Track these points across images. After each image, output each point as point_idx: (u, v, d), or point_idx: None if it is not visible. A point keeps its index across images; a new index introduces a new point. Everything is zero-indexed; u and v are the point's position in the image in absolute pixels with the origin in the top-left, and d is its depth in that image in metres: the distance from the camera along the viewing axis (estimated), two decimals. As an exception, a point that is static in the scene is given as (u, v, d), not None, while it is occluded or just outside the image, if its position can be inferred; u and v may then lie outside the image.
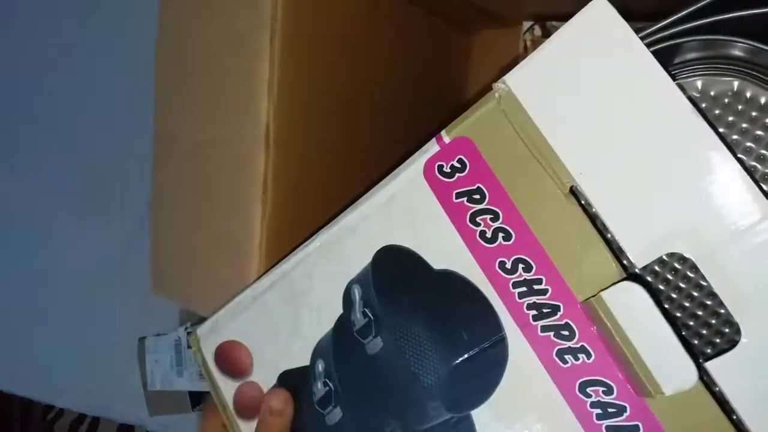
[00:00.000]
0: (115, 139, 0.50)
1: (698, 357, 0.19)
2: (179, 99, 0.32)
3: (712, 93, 0.23)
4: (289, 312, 0.28)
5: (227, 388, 0.29)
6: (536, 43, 0.43)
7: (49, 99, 0.52)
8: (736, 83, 0.23)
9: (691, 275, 0.22)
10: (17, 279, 0.53)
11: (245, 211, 0.29)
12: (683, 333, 0.22)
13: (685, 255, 0.20)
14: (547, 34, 0.46)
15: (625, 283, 0.20)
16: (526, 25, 0.46)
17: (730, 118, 0.23)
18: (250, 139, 0.29)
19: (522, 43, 0.46)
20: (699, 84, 0.23)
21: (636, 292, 0.20)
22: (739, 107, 0.23)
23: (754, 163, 0.23)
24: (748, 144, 0.23)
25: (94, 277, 0.41)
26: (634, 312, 0.20)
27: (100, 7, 0.51)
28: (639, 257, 0.21)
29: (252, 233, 0.29)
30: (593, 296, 0.21)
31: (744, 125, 0.23)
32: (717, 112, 0.23)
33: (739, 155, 0.23)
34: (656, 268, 0.23)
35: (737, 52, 0.23)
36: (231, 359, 0.29)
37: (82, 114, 0.52)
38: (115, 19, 0.51)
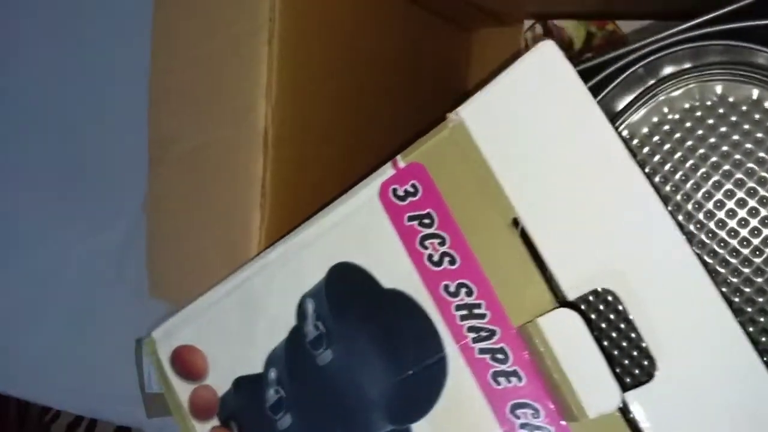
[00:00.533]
0: (110, 141, 0.50)
1: (620, 385, 0.20)
2: (175, 102, 0.31)
3: (731, 99, 0.24)
4: (246, 320, 0.29)
5: (182, 390, 0.30)
6: (537, 42, 0.44)
7: (44, 101, 0.52)
8: (756, 92, 0.24)
9: (620, 309, 0.24)
10: (13, 281, 0.53)
11: (243, 215, 0.29)
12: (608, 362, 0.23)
13: (611, 290, 0.21)
14: (548, 32, 0.46)
15: (561, 309, 0.22)
16: (527, 23, 0.47)
17: (747, 126, 0.24)
18: (248, 142, 0.29)
19: (523, 42, 0.47)
20: (719, 89, 0.24)
21: (570, 319, 0.21)
22: (757, 116, 0.24)
23: (764, 174, 0.24)
24: (761, 155, 0.24)
25: (92, 278, 0.41)
26: (567, 338, 0.21)
27: (95, 9, 0.51)
28: (570, 289, 0.22)
29: (250, 236, 0.29)
30: (529, 322, 0.23)
31: (759, 135, 0.24)
32: (734, 119, 0.24)
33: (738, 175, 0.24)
34: (590, 298, 0.25)
35: (762, 61, 0.24)
36: (187, 363, 0.30)
37: (77, 116, 0.52)
38: (110, 23, 0.51)
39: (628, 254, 0.21)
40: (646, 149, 0.25)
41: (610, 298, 0.24)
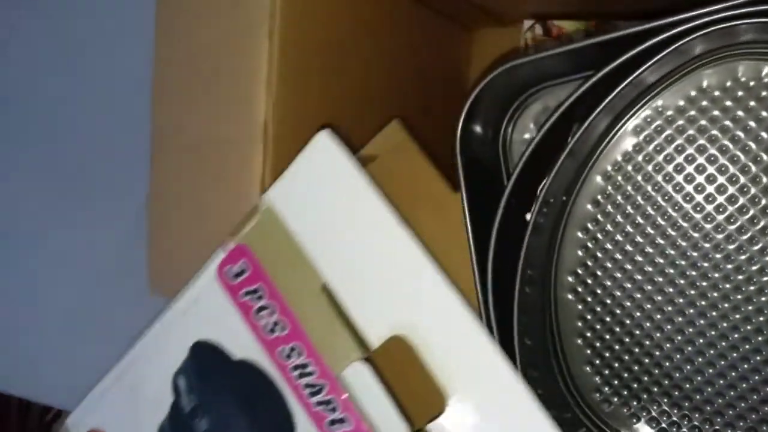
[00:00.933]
0: (110, 141, 0.49)
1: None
2: (177, 95, 0.31)
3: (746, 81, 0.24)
4: (135, 400, 0.32)
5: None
6: (537, 42, 0.45)
7: (44, 101, 0.51)
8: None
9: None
10: (13, 281, 0.52)
11: (243, 210, 0.29)
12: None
13: (404, 336, 0.24)
14: (548, 32, 0.46)
15: (355, 363, 0.25)
16: (527, 23, 0.46)
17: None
18: (248, 137, 0.29)
19: (523, 41, 0.46)
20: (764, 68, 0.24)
21: (362, 371, 0.24)
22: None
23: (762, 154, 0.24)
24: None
25: (93, 276, 0.41)
26: (363, 386, 0.25)
27: (95, 7, 0.50)
28: (374, 341, 0.25)
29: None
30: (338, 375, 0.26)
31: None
32: (752, 104, 0.24)
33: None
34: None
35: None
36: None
37: (77, 116, 0.51)
38: (112, 17, 0.49)
39: (416, 310, 0.24)
40: (677, 124, 0.25)
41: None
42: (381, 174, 0.28)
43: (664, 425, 0.27)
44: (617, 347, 0.27)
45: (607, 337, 0.27)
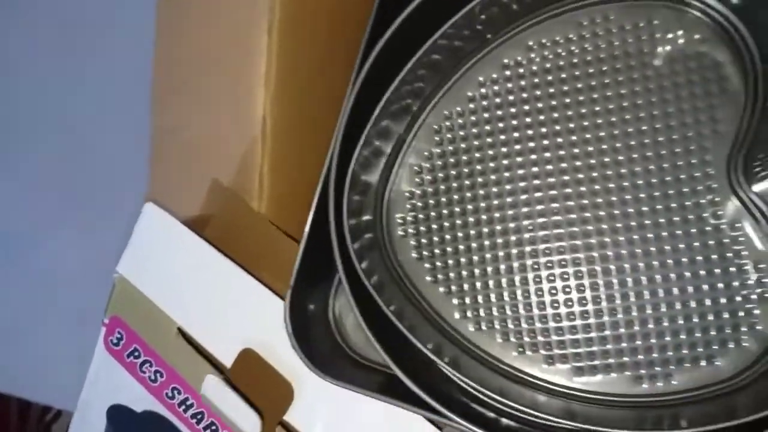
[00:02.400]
0: (110, 138, 0.48)
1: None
2: (177, 91, 0.32)
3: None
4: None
5: None
6: None
7: (44, 100, 0.51)
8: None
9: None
10: (13, 281, 0.51)
11: (243, 205, 0.30)
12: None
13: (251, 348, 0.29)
14: None
15: (209, 376, 0.29)
16: None
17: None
18: (246, 131, 0.29)
19: None
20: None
21: (215, 381, 0.29)
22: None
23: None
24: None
25: (93, 277, 0.39)
26: (219, 393, 0.29)
27: (95, 6, 0.50)
28: (228, 361, 0.30)
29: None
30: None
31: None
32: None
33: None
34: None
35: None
36: None
37: (77, 116, 0.50)
38: (111, 21, 0.49)
39: (255, 327, 0.29)
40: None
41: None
42: (217, 229, 0.32)
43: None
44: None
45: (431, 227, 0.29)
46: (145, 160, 0.34)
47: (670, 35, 0.26)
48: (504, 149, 0.27)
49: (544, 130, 0.27)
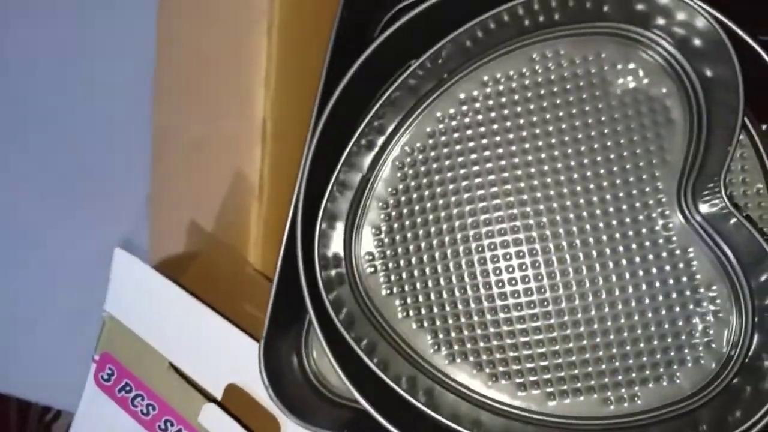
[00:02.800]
0: (110, 141, 0.48)
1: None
2: (177, 93, 0.32)
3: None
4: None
5: None
6: None
7: (45, 100, 0.51)
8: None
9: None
10: (13, 281, 0.51)
11: (243, 206, 0.30)
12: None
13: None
14: None
15: (207, 404, 0.31)
16: None
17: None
18: (246, 133, 0.29)
19: None
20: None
21: (214, 410, 0.31)
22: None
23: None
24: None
25: (93, 277, 0.39)
26: (217, 419, 0.31)
27: (95, 6, 0.50)
28: (219, 393, 0.31)
29: (248, 227, 0.30)
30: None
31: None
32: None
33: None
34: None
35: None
36: None
37: (77, 116, 0.50)
38: (111, 17, 0.49)
39: (238, 363, 0.30)
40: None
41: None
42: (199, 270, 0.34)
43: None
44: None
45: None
46: (146, 160, 0.34)
47: (619, 67, 0.26)
48: (464, 183, 0.28)
49: (502, 162, 0.28)
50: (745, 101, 0.23)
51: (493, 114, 0.28)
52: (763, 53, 0.23)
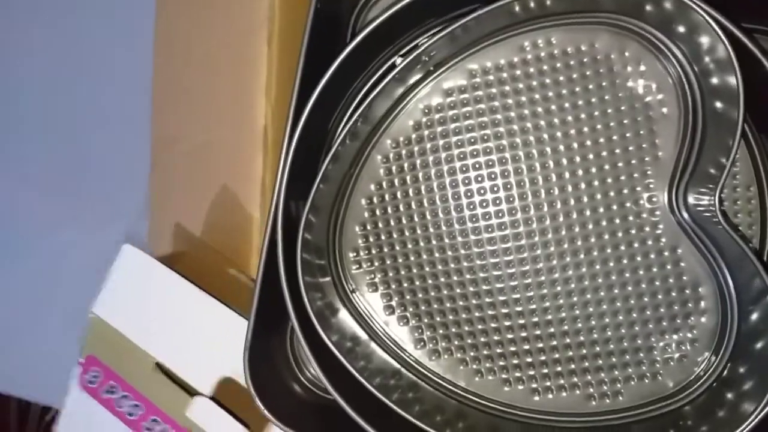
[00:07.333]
0: (110, 141, 0.49)
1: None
2: (177, 101, 0.32)
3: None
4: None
5: None
6: None
7: (44, 101, 0.51)
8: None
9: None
10: (13, 281, 0.51)
11: (243, 215, 0.30)
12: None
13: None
14: None
15: (198, 397, 0.31)
16: None
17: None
18: (248, 142, 0.29)
19: None
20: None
21: (203, 402, 0.31)
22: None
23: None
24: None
25: (93, 277, 0.39)
26: (206, 412, 0.31)
27: (96, 8, 0.50)
28: (207, 390, 0.31)
29: (250, 238, 0.30)
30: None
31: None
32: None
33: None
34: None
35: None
36: None
37: (77, 116, 0.51)
38: (111, 22, 0.50)
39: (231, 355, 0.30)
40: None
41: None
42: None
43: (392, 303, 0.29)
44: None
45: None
46: (145, 163, 0.34)
47: (613, 56, 0.25)
48: (450, 178, 0.27)
49: (491, 157, 0.27)
50: (744, 115, 0.22)
51: (481, 106, 0.27)
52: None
